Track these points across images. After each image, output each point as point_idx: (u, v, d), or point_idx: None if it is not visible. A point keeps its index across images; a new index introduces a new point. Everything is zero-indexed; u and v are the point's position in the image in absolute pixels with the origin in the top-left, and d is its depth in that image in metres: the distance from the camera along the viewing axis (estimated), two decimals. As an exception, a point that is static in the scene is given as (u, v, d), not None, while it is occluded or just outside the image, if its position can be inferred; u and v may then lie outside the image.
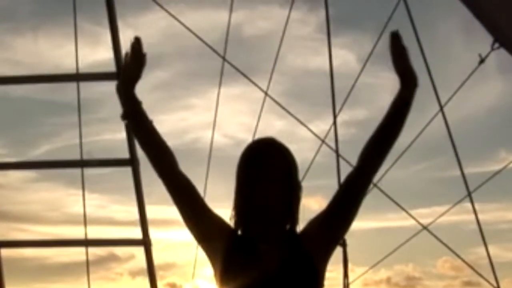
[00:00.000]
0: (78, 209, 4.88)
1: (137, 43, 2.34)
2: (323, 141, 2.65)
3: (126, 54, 2.35)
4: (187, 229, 2.34)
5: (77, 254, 5.18)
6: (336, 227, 2.29)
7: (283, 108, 2.53)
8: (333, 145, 3.26)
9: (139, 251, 4.77)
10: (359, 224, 2.38)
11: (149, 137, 2.36)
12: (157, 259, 4.86)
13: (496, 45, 2.48)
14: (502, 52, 2.92)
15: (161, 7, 3.54)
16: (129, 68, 2.35)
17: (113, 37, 3.84)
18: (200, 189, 2.33)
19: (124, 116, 2.37)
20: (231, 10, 3.71)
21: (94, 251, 5.01)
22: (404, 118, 2.28)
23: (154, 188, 2.39)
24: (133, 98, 2.35)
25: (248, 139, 2.33)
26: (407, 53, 2.27)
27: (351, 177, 2.31)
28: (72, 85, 4.50)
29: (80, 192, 4.67)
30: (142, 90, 2.34)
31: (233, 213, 2.31)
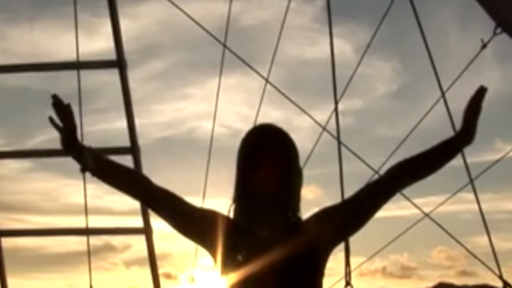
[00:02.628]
0: (74, 199, 4.86)
1: (55, 100, 2.34)
2: (324, 128, 2.64)
3: (51, 118, 2.34)
4: (184, 236, 2.35)
5: (73, 244, 5.18)
6: (349, 226, 2.32)
7: (285, 96, 2.53)
8: (332, 133, 3.26)
9: (136, 241, 4.75)
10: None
11: (113, 177, 2.40)
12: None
13: (499, 30, 2.46)
14: (500, 41, 2.91)
15: (161, -5, 3.52)
16: (63, 124, 2.34)
17: (113, 25, 3.82)
18: (199, 178, 2.34)
19: (83, 170, 2.38)
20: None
21: (90, 240, 5.00)
22: (446, 162, 2.37)
23: (153, 177, 2.39)
24: (82, 149, 2.36)
25: (245, 128, 2.32)
26: (480, 112, 2.34)
27: (375, 186, 2.34)
28: (69, 75, 4.45)
29: (76, 182, 4.62)
30: (140, 80, 2.34)
31: (233, 200, 2.31)
